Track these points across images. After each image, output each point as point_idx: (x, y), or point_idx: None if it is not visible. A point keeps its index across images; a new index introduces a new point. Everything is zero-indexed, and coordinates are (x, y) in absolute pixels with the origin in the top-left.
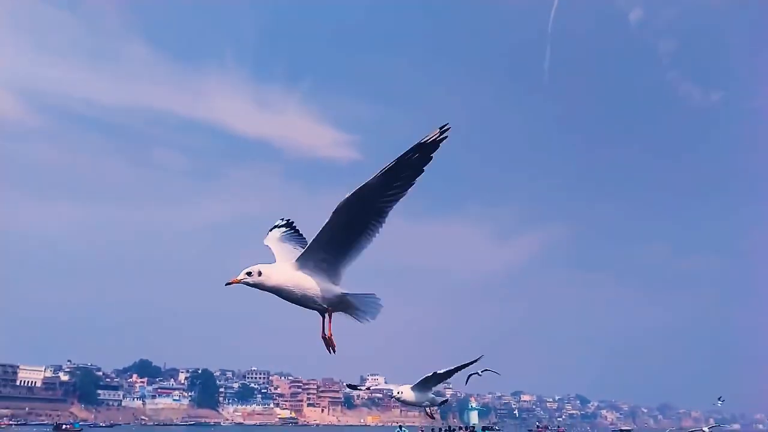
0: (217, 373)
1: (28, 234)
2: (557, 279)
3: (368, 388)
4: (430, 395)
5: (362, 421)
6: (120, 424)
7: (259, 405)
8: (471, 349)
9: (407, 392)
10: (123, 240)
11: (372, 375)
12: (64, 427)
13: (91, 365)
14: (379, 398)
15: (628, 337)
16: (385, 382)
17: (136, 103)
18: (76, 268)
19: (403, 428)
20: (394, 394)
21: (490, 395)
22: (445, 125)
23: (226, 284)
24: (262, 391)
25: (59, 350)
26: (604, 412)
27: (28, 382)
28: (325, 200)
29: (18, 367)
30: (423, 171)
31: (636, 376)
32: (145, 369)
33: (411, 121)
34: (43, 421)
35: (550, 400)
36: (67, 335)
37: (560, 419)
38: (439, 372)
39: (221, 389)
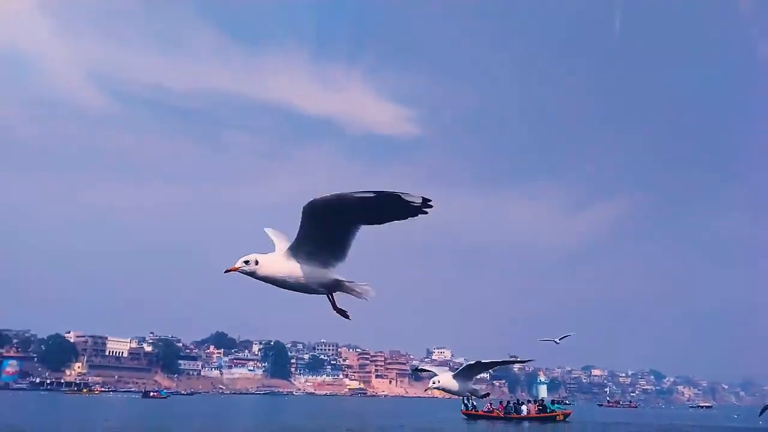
0: (288, 345)
1: (107, 214)
2: (631, 251)
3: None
4: (471, 385)
5: (429, 393)
6: (200, 393)
7: (328, 376)
8: (541, 323)
9: (446, 380)
10: (196, 219)
11: (438, 348)
12: (151, 394)
13: (171, 337)
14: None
15: (706, 311)
16: (452, 356)
17: (205, 86)
18: (154, 247)
19: (471, 400)
20: (430, 384)
21: (560, 369)
22: (429, 201)
23: (225, 271)
24: (331, 362)
25: (143, 323)
26: (680, 387)
27: (115, 352)
28: (388, 177)
29: (106, 338)
30: (400, 219)
31: (716, 351)
32: (221, 341)
33: (473, 93)
34: (130, 388)
35: (623, 375)
36: (149, 309)
37: (633, 395)
38: (483, 361)
39: (292, 360)
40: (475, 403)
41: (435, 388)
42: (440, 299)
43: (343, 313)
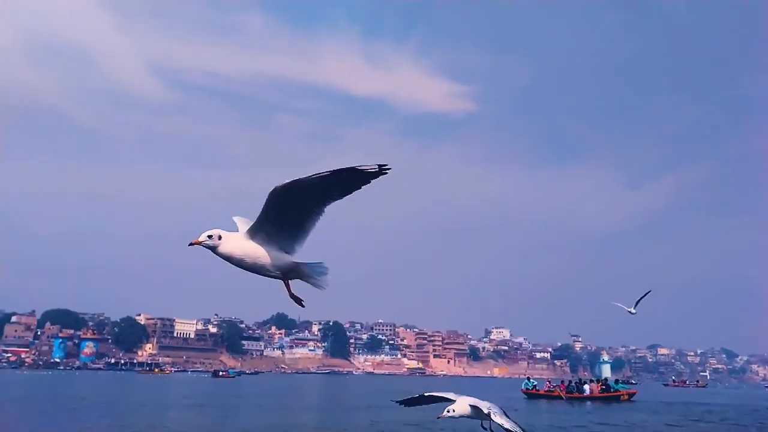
0: (347, 325)
1: (169, 201)
2: (698, 224)
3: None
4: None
5: (489, 372)
6: (263, 372)
7: (387, 355)
8: (603, 302)
9: (461, 406)
10: (252, 203)
11: (497, 328)
12: (220, 373)
13: (234, 318)
14: (505, 350)
15: None
16: (511, 335)
17: (256, 71)
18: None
19: (531, 380)
20: (443, 414)
21: (623, 348)
22: (386, 166)
23: (189, 245)
24: (389, 342)
25: (207, 305)
26: (754, 366)
27: (183, 333)
28: (442, 154)
29: (174, 320)
30: (360, 188)
31: None
32: (282, 321)
33: (528, 66)
34: (197, 368)
35: (692, 353)
36: (212, 291)
37: (703, 374)
38: (494, 411)
39: (351, 340)
40: (535, 383)
41: (449, 417)
42: (497, 278)
43: (297, 300)
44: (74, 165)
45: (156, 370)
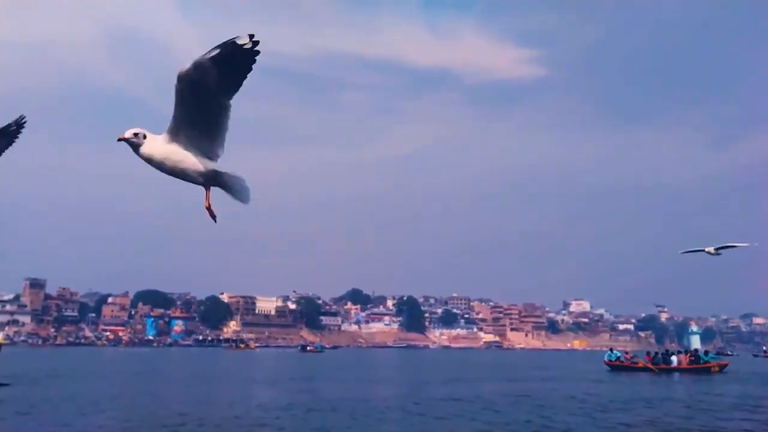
0: (421, 300)
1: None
2: None
3: None
4: None
5: (568, 345)
6: (342, 346)
7: (463, 329)
8: (684, 270)
9: None
10: (324, 179)
11: (576, 300)
12: (308, 348)
13: (312, 295)
14: (585, 323)
15: None
16: (591, 307)
17: (319, 48)
18: (288, 209)
19: (614, 352)
20: None
21: (714, 318)
22: (254, 38)
23: (117, 140)
24: (465, 316)
25: (285, 283)
26: None
27: (264, 310)
28: (513, 121)
29: (256, 298)
30: (249, 70)
31: None
32: (357, 297)
33: (598, 26)
34: (279, 343)
35: None
36: (290, 269)
37: None
38: None
39: (426, 314)
40: (618, 355)
41: None
42: (573, 248)
43: (212, 214)
44: None
45: (242, 345)
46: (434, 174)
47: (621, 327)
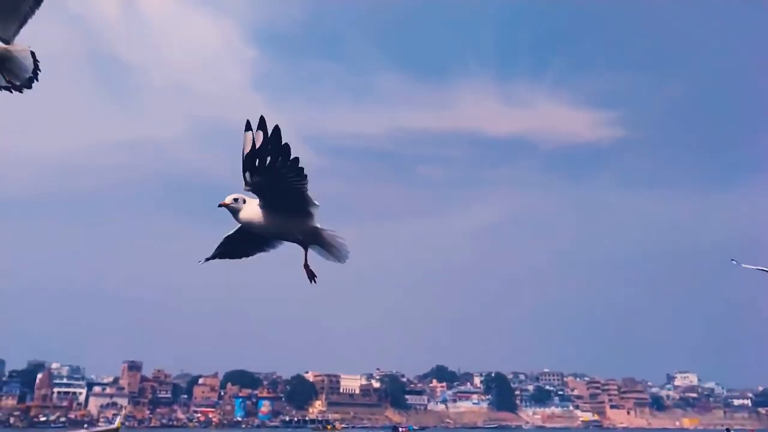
0: (510, 376)
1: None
2: None
3: None
4: None
5: (677, 423)
6: (429, 427)
7: (557, 407)
8: None
9: None
10: (406, 254)
11: (681, 372)
12: (399, 429)
13: (396, 372)
14: (693, 398)
15: None
16: (699, 380)
17: (396, 126)
18: (372, 285)
19: (731, 431)
20: None
21: None
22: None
23: (219, 206)
24: (558, 392)
25: (369, 360)
26: None
27: (349, 389)
28: (594, 185)
29: (340, 376)
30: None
31: None
32: (442, 374)
33: (680, 80)
34: (365, 424)
35: None
36: (373, 345)
37: None
38: None
39: (516, 392)
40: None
41: None
42: (675, 317)
43: (311, 274)
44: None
45: (329, 426)
46: (517, 244)
47: (736, 402)
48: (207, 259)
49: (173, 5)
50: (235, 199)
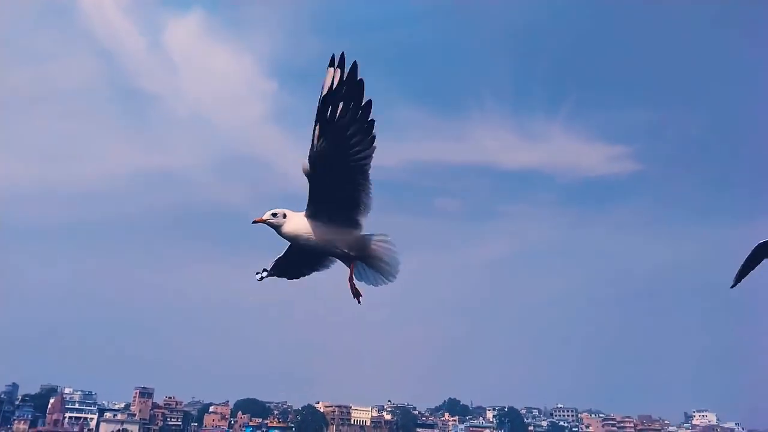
0: (523, 411)
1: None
2: None
3: None
4: None
5: None
6: None
7: None
8: None
9: None
10: (422, 288)
11: (699, 411)
12: None
13: (407, 405)
14: None
15: None
16: (717, 419)
17: (414, 159)
18: (387, 317)
19: None
20: None
21: None
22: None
23: (253, 222)
24: (573, 429)
25: (380, 391)
26: None
27: (359, 420)
28: (611, 219)
29: (351, 407)
30: (372, 123)
31: None
32: (454, 407)
33: (695, 114)
34: None
35: None
36: (384, 377)
37: None
38: None
39: (530, 427)
40: None
41: None
42: (692, 353)
43: (356, 292)
44: (259, 259)
45: None
46: (532, 277)
47: None
48: (263, 277)
49: (196, 39)
50: (274, 214)
